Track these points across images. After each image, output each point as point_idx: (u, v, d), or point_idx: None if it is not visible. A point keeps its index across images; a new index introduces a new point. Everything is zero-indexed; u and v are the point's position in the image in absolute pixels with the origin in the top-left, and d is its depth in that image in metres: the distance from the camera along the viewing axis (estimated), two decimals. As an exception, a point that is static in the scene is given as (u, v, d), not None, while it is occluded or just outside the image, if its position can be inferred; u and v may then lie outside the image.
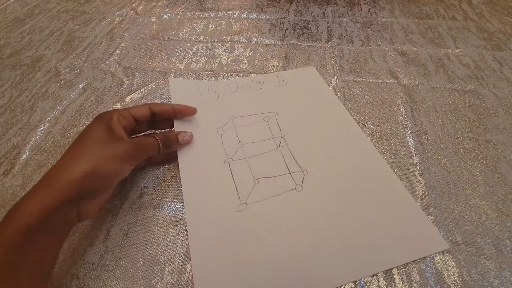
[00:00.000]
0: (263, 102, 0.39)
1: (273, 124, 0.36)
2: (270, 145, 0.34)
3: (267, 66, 0.47)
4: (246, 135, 0.35)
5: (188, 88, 0.41)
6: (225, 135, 0.35)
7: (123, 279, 0.25)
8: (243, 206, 0.29)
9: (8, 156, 0.36)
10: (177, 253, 0.27)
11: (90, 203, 0.25)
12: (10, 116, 0.41)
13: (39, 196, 0.21)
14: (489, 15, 0.55)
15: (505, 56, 0.45)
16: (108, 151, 0.25)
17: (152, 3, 0.65)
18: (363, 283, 0.24)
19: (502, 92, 0.40)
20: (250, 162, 0.32)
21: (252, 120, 0.37)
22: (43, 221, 0.20)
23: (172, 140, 0.31)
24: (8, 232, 0.20)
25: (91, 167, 0.23)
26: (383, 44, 0.49)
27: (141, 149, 0.28)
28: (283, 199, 0.29)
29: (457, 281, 0.24)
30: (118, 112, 0.29)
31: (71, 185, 0.22)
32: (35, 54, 0.53)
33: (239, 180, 0.31)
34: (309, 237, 0.26)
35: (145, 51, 0.52)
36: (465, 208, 0.28)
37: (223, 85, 0.42)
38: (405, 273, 0.25)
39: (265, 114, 0.38)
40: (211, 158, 0.33)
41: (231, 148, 0.34)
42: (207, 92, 0.41)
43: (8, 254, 0.19)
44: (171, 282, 0.25)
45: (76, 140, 0.26)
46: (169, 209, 0.30)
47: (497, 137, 0.34)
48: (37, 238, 0.20)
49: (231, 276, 0.24)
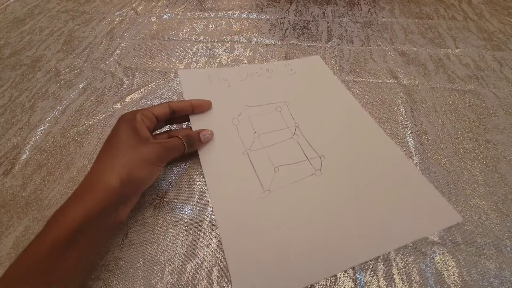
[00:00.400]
0: (273, 92, 0.41)
1: (285, 114, 0.38)
2: (285, 134, 0.35)
3: (267, 66, 0.47)
4: (260, 125, 0.36)
5: (198, 79, 0.42)
6: (240, 125, 0.36)
7: (123, 279, 0.25)
8: (267, 193, 0.30)
9: (8, 156, 0.36)
10: (177, 253, 0.27)
11: (124, 207, 0.26)
12: (10, 116, 0.41)
13: (80, 203, 0.22)
14: (489, 15, 0.55)
15: (505, 56, 0.45)
16: (140, 156, 0.26)
17: (152, 3, 0.65)
18: (363, 283, 0.24)
19: (502, 92, 0.40)
20: (268, 152, 0.34)
21: (264, 110, 0.38)
22: (84, 227, 0.21)
23: (195, 140, 0.32)
24: (51, 236, 0.21)
25: (127, 173, 0.24)
26: (383, 44, 0.49)
27: (169, 151, 0.29)
28: (304, 184, 0.31)
29: (457, 281, 0.24)
30: (141, 112, 0.29)
31: (110, 192, 0.23)
32: (35, 54, 0.53)
33: (260, 169, 0.32)
34: (330, 218, 0.28)
35: (145, 51, 0.52)
36: (465, 208, 0.28)
37: (233, 73, 0.43)
38: (405, 273, 0.25)
39: (276, 104, 0.39)
40: (230, 150, 0.34)
41: (247, 138, 0.35)
42: (218, 81, 0.42)
43: (49, 257, 0.20)
44: (171, 282, 0.25)
45: (105, 144, 0.27)
46: (169, 209, 0.30)
47: (497, 137, 0.34)
48: (77, 243, 0.21)
49: (261, 258, 0.26)
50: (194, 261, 0.26)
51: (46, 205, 0.31)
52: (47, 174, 0.34)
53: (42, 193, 0.32)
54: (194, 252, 0.27)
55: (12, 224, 0.30)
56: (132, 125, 0.27)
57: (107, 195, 0.23)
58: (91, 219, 0.22)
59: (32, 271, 0.20)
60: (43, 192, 0.32)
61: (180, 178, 0.33)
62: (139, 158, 0.26)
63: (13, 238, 0.29)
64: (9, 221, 0.30)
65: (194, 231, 0.28)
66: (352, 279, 0.25)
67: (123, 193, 0.24)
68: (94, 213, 0.22)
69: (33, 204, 0.31)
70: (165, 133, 0.34)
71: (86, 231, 0.22)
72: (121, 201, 0.25)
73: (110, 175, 0.24)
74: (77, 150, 0.36)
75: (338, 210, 0.28)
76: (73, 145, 0.37)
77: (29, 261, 0.20)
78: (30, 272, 0.20)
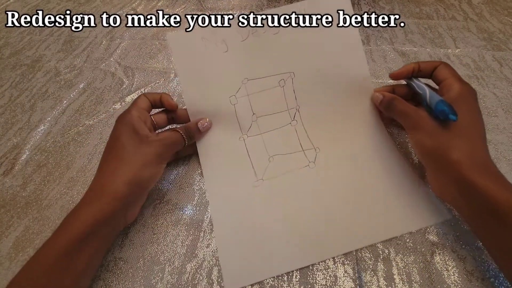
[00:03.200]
0: (279, 57, 0.34)
1: (288, 91, 0.34)
2: (284, 119, 0.34)
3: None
4: (260, 104, 0.34)
5: (191, 43, 0.34)
6: (238, 105, 0.33)
7: (123, 279, 0.25)
8: (260, 182, 0.31)
9: (8, 156, 0.36)
10: (177, 253, 0.27)
11: (133, 207, 0.26)
12: (10, 116, 0.41)
13: (91, 209, 0.23)
14: (489, 15, 0.55)
15: (505, 56, 0.45)
16: (143, 157, 0.26)
17: (152, 3, 0.65)
18: (363, 283, 0.24)
19: (502, 92, 0.40)
20: (264, 138, 0.33)
21: (266, 84, 0.34)
22: (96, 229, 0.22)
23: (194, 130, 0.32)
24: (63, 239, 0.21)
25: (132, 176, 0.25)
26: (383, 44, 0.49)
27: (169, 146, 0.29)
28: (297, 175, 0.31)
29: (457, 281, 0.24)
30: (136, 107, 0.29)
31: (117, 197, 0.24)
32: (35, 54, 0.53)
33: (255, 157, 0.32)
34: (320, 208, 0.29)
35: (145, 51, 0.52)
36: (465, 208, 0.28)
37: (232, 32, 0.34)
38: (405, 273, 0.25)
39: (280, 76, 0.34)
40: (227, 134, 0.33)
41: (245, 120, 0.34)
42: (214, 44, 0.34)
43: (61, 259, 0.21)
44: (171, 282, 0.25)
45: (107, 148, 0.27)
46: (169, 209, 0.30)
47: (497, 137, 0.34)
48: (88, 245, 0.22)
49: (250, 245, 0.27)
50: (194, 261, 0.26)
51: (46, 205, 0.31)
52: (47, 174, 0.34)
53: (42, 193, 0.32)
54: (194, 252, 0.27)
55: (12, 224, 0.30)
56: (130, 125, 0.27)
57: (115, 200, 0.24)
58: (102, 222, 0.23)
59: (45, 274, 0.20)
60: (43, 192, 0.32)
61: (180, 178, 0.33)
62: (142, 159, 0.26)
63: (13, 238, 0.29)
64: (9, 221, 0.30)
65: (194, 231, 0.28)
66: (352, 279, 0.25)
67: (130, 196, 0.25)
68: (104, 217, 0.23)
69: (33, 204, 0.31)
70: (167, 130, 0.33)
71: (98, 233, 0.23)
72: (129, 203, 0.25)
73: (115, 181, 0.24)
74: (77, 150, 0.36)
75: (328, 202, 0.29)
76: (73, 145, 0.37)
77: (42, 264, 0.21)
78: (43, 274, 0.20)
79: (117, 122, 0.28)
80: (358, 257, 0.26)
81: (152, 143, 0.27)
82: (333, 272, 0.25)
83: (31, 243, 0.28)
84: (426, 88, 0.28)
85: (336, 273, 0.25)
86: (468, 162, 0.22)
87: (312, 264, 0.26)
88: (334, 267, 0.26)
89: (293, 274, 0.25)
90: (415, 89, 0.29)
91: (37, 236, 0.29)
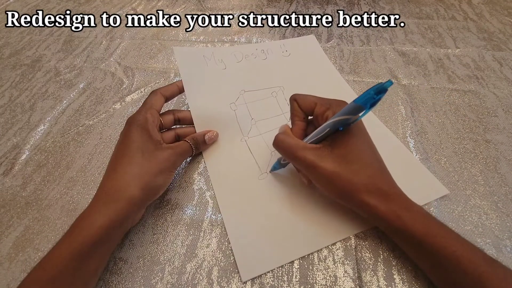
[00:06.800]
0: (269, 75, 0.42)
1: (281, 100, 0.39)
2: (281, 120, 0.37)
3: (267, 66, 0.47)
4: (257, 111, 0.38)
5: (194, 58, 0.41)
6: (238, 111, 0.37)
7: (123, 279, 0.25)
8: (264, 175, 0.32)
9: (8, 156, 0.36)
10: (177, 253, 0.27)
11: (141, 211, 0.27)
12: (10, 116, 0.41)
13: (105, 212, 0.23)
14: (489, 15, 0.55)
15: (505, 56, 0.45)
16: (157, 164, 0.26)
17: (152, 3, 0.65)
18: (363, 283, 0.24)
19: (502, 92, 0.40)
20: (264, 138, 0.35)
21: (260, 95, 0.39)
22: (109, 233, 0.22)
23: (201, 142, 0.33)
24: (77, 241, 0.21)
25: (147, 182, 0.25)
26: (383, 44, 0.49)
27: (181, 155, 0.30)
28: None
29: (457, 281, 0.24)
30: (150, 112, 0.29)
31: (132, 202, 0.24)
32: (35, 54, 0.53)
33: (257, 154, 0.34)
34: (322, 195, 0.30)
35: (145, 51, 0.52)
36: (465, 208, 0.28)
37: (228, 53, 0.43)
38: (405, 273, 0.25)
39: (272, 88, 0.40)
40: (229, 136, 0.35)
41: (245, 124, 0.36)
42: (214, 62, 0.41)
43: (74, 261, 0.21)
44: (171, 282, 0.25)
45: (120, 150, 0.27)
46: (169, 209, 0.30)
47: (497, 137, 0.34)
48: (100, 248, 0.22)
49: (261, 235, 0.28)
50: (194, 261, 0.26)
51: (46, 205, 0.31)
52: (47, 174, 0.34)
53: (42, 193, 0.32)
54: (194, 252, 0.27)
55: (12, 224, 0.30)
56: (145, 128, 0.27)
57: (129, 205, 0.24)
58: (117, 226, 0.23)
59: (58, 275, 0.20)
60: (43, 192, 0.32)
61: (180, 178, 0.33)
62: (156, 166, 0.26)
63: (13, 238, 0.29)
64: (9, 221, 0.30)
65: (194, 231, 0.28)
66: (352, 279, 0.25)
67: (144, 201, 0.25)
68: (119, 222, 0.23)
69: (33, 204, 0.31)
70: (172, 131, 0.33)
71: (110, 236, 0.23)
72: (141, 207, 0.26)
73: (131, 185, 0.24)
74: (77, 150, 0.36)
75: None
76: (73, 145, 0.37)
77: (55, 266, 0.20)
78: (56, 276, 0.20)
79: (130, 123, 0.28)
80: (358, 257, 0.26)
81: (165, 150, 0.28)
82: (333, 272, 0.25)
83: (31, 243, 0.28)
84: (329, 121, 0.25)
85: (336, 273, 0.25)
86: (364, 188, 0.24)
87: (318, 249, 0.26)
88: (334, 267, 0.26)
89: (293, 274, 0.25)
90: (333, 127, 0.25)
91: (37, 236, 0.29)
